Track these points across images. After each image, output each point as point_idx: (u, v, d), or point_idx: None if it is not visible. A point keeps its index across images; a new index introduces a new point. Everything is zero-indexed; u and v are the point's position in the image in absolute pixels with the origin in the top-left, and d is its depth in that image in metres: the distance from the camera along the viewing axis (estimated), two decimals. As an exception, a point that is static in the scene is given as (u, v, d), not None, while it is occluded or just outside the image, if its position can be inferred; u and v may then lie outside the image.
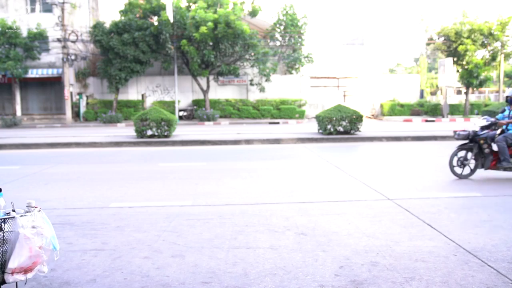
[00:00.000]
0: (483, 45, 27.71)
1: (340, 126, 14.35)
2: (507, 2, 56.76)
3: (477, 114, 28.37)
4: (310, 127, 18.69)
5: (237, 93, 29.38)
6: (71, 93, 26.35)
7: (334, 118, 14.29)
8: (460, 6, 62.65)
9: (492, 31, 26.91)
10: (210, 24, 23.79)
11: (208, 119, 25.67)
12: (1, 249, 1.61)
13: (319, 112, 17.15)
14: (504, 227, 4.40)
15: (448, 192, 6.02)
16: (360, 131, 14.75)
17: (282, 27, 30.04)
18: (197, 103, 28.35)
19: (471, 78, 27.38)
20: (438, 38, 28.98)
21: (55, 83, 28.26)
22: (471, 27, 26.93)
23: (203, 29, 23.66)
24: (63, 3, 24.30)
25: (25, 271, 1.64)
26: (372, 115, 31.01)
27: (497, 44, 27.73)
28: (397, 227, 4.47)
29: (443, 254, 3.67)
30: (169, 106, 27.54)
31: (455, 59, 27.97)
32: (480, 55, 28.19)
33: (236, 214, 5.05)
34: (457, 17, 27.91)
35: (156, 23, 25.14)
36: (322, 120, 14.60)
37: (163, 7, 25.19)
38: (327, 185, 6.78)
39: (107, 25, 26.13)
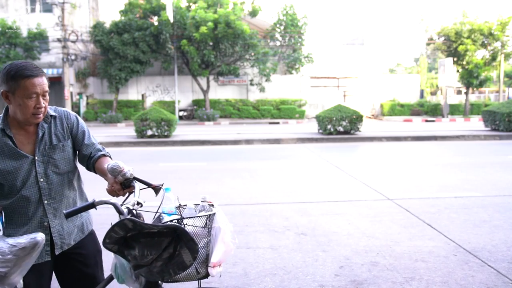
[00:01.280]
0: (483, 45, 27.68)
1: (340, 126, 14.35)
2: (507, 2, 56.77)
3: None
4: (310, 127, 18.68)
5: (237, 93, 29.36)
6: (71, 93, 26.34)
7: (334, 118, 14.29)
8: (460, 6, 62.69)
9: (492, 31, 26.88)
10: (210, 24, 23.79)
11: (208, 119, 25.66)
12: (206, 244, 1.67)
13: (319, 112, 17.14)
14: (504, 227, 4.40)
15: (448, 192, 6.02)
16: (360, 131, 14.75)
17: (282, 27, 30.02)
18: (197, 103, 28.34)
19: (471, 78, 27.36)
20: (438, 38, 28.96)
21: (55, 83, 28.23)
22: (471, 27, 26.91)
23: (203, 29, 23.66)
24: (63, 3, 24.28)
25: (219, 265, 1.71)
26: (372, 115, 30.99)
27: (497, 44, 27.69)
28: (397, 227, 4.47)
29: (443, 254, 3.67)
30: (169, 106, 27.53)
31: (455, 59, 27.94)
32: (480, 55, 28.15)
33: (236, 214, 5.05)
34: (457, 17, 27.88)
35: (156, 23, 25.13)
36: (322, 120, 14.60)
37: (163, 7, 25.18)
38: (327, 185, 6.78)
39: (107, 25, 26.11)
